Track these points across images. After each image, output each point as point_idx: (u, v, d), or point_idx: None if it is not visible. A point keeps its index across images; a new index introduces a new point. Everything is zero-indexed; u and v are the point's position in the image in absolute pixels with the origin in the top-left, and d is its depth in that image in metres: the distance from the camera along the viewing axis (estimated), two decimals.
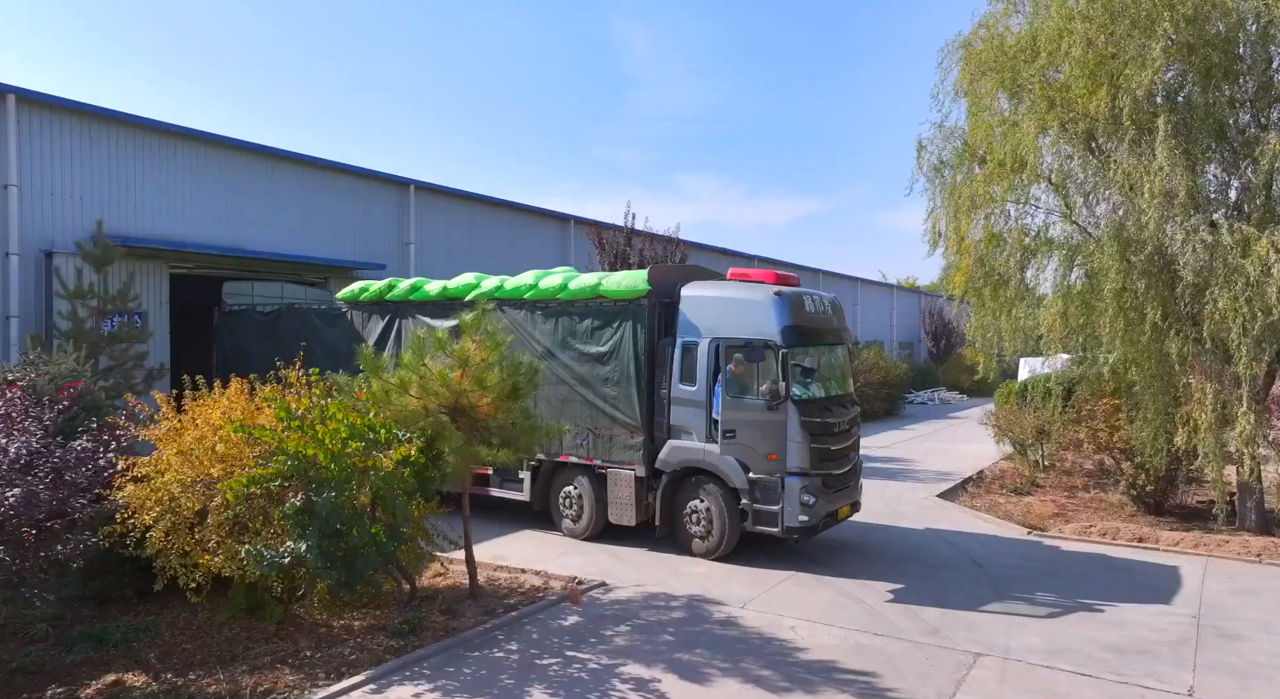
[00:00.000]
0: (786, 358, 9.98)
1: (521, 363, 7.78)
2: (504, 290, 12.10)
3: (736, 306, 10.44)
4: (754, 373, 10.16)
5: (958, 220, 13.65)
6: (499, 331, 8.04)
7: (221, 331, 15.50)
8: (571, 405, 11.47)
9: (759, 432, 10.03)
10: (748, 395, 10.19)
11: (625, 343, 10.99)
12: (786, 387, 9.90)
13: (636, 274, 11.07)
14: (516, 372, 7.65)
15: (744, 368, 10.27)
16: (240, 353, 15.03)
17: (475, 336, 7.76)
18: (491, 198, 22.93)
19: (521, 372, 7.73)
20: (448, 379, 7.40)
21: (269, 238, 17.00)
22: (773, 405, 9.90)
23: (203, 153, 15.86)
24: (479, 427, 8.01)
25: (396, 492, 7.19)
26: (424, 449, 7.60)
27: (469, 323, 7.82)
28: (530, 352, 11.75)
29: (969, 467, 18.31)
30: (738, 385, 10.36)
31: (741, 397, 10.23)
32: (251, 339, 14.90)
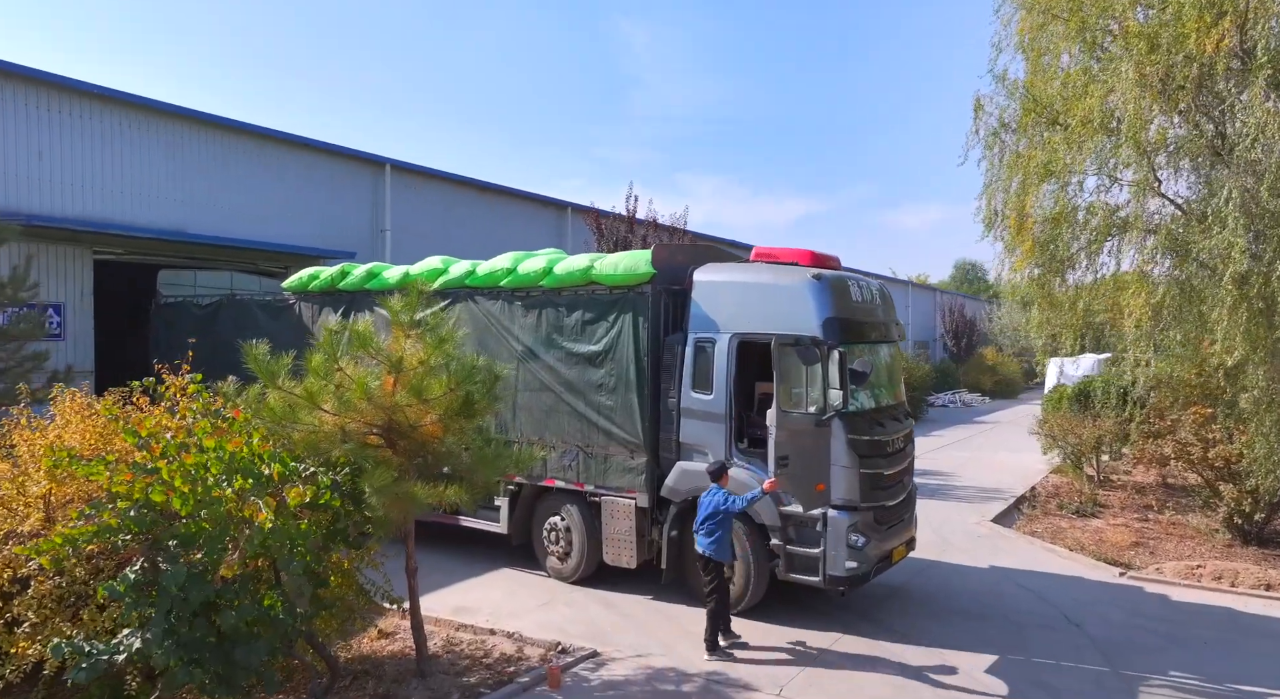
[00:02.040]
0: (829, 358, 7.81)
1: (476, 367, 5.60)
2: (476, 277, 9.94)
3: (764, 294, 8.26)
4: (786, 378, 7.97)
5: (1020, 195, 11.45)
6: (443, 323, 5.87)
7: (157, 327, 13.35)
8: (558, 417, 9.31)
9: None
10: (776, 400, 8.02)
11: (624, 340, 8.83)
12: (845, 396, 7.72)
13: (638, 255, 8.90)
14: (469, 378, 5.48)
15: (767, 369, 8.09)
16: (177, 351, 12.87)
17: (409, 330, 5.60)
18: (478, 181, 20.75)
19: (476, 378, 5.56)
20: (369, 390, 5.24)
21: (220, 221, 14.85)
22: (819, 421, 7.73)
23: (140, 121, 13.71)
24: (423, 453, 5.85)
25: (294, 550, 5.03)
26: (339, 487, 5.45)
27: (398, 310, 5.66)
28: (508, 351, 9.60)
29: (1015, 481, 16.11)
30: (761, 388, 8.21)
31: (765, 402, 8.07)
32: (189, 333, 12.72)
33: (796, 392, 8.00)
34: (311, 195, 16.67)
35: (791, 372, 7.93)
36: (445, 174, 19.67)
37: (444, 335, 5.56)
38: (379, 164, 18.17)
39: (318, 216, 16.77)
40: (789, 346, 7.86)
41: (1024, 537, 11.86)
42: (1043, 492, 15.15)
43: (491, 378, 5.72)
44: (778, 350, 7.88)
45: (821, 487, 7.77)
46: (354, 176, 17.69)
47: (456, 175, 19.96)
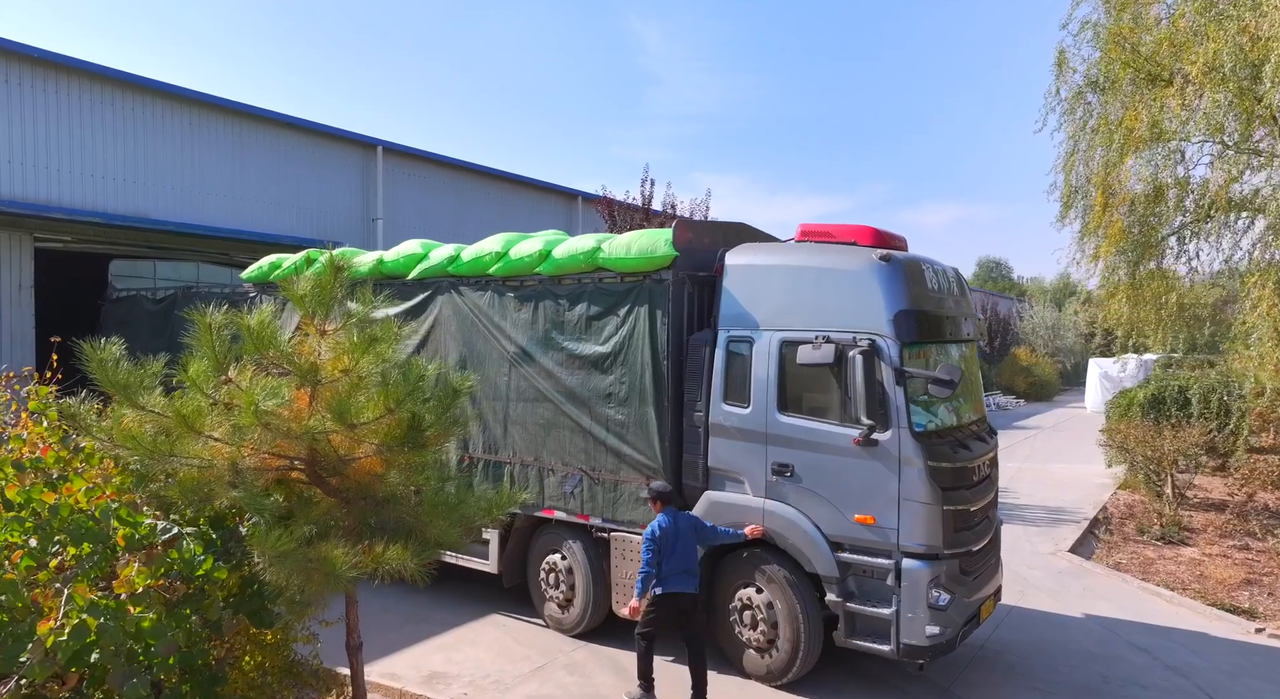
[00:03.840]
0: (904, 363, 6.07)
1: (424, 378, 3.89)
2: (460, 264, 8.26)
3: (818, 281, 6.51)
4: (844, 385, 6.23)
5: (1109, 167, 9.64)
6: (368, 315, 4.17)
7: (109, 324, 11.79)
8: (557, 434, 7.62)
9: (844, 479, 6.16)
10: (828, 418, 6.30)
11: (637, 339, 7.13)
12: (906, 411, 5.99)
13: (655, 234, 7.19)
14: (414, 393, 3.78)
15: (823, 375, 6.37)
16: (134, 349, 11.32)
17: (324, 325, 3.91)
18: (480, 166, 19.09)
19: (425, 394, 3.86)
20: (260, 411, 3.54)
21: (187, 206, 13.28)
22: (868, 438, 6.00)
23: (95, 92, 12.16)
24: (358, 496, 4.16)
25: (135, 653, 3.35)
26: (225, 552, 3.78)
27: (300, 297, 3.97)
28: (499, 353, 7.93)
29: (1079, 498, 14.25)
30: (810, 401, 6.48)
31: (818, 419, 6.34)
32: (143, 333, 11.16)
33: (823, 395, 6.29)
34: (294, 179, 15.08)
35: (826, 375, 6.22)
36: (443, 158, 18.04)
37: (376, 333, 3.86)
38: (370, 146, 16.57)
39: (300, 203, 15.18)
40: (848, 349, 6.12)
41: (1110, 571, 10.03)
42: (1115, 512, 13.29)
43: (449, 394, 4.00)
44: (832, 352, 6.14)
45: (868, 519, 6.06)
46: (342, 159, 16.10)
47: (456, 160, 18.32)
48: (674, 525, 6.16)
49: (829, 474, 6.27)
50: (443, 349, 8.42)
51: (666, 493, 6.37)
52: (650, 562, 6.04)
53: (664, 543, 6.06)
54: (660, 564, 6.05)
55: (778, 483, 6.50)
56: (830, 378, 6.32)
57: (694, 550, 6.24)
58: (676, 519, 6.23)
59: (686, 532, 6.20)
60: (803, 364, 6.32)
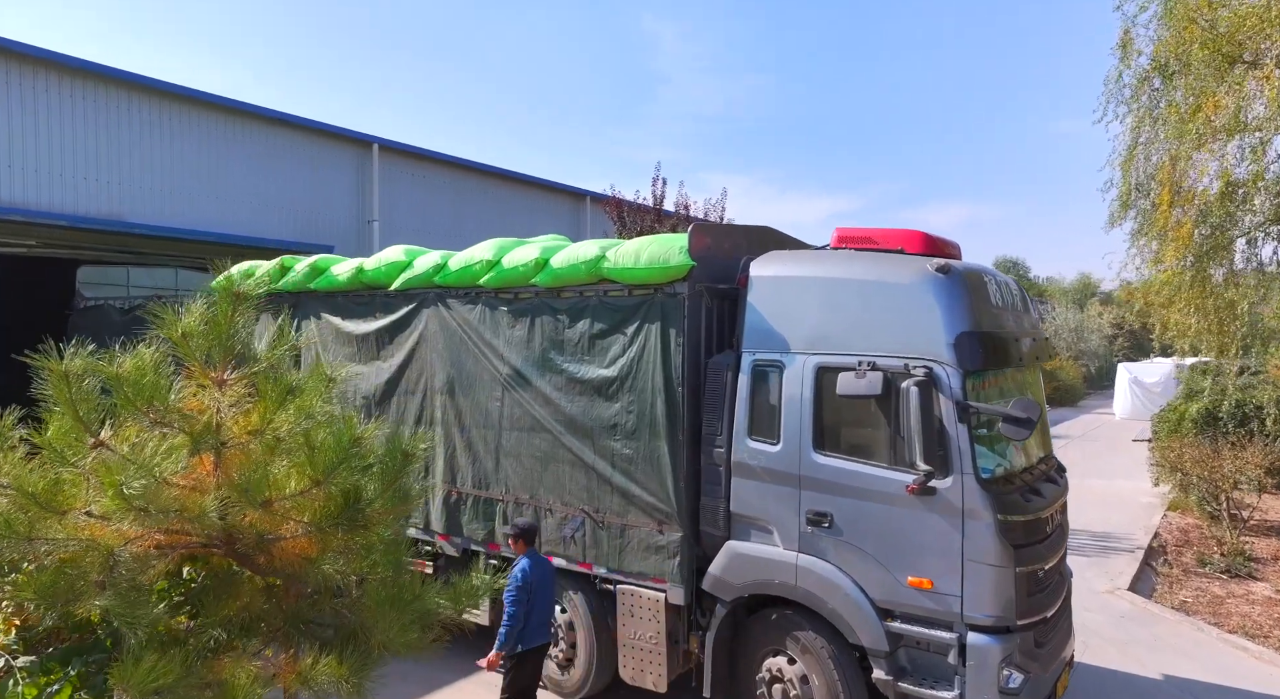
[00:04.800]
0: (966, 396, 5.05)
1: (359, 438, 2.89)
2: (447, 273, 7.30)
3: (861, 297, 5.50)
4: (894, 421, 5.23)
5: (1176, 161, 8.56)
6: (283, 356, 3.18)
7: (76, 335, 10.85)
8: (556, 468, 6.64)
9: (895, 533, 5.16)
10: (875, 459, 5.30)
11: (648, 362, 6.14)
12: (971, 453, 4.98)
13: (668, 239, 6.21)
14: (349, 458, 2.80)
15: (868, 409, 5.37)
16: None
17: (223, 372, 2.92)
18: (483, 165, 18.14)
19: (363, 458, 2.88)
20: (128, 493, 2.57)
21: (165, 208, 12.40)
22: (933, 487, 4.99)
23: (63, 85, 11.28)
24: (289, 582, 3.20)
25: None
26: None
27: (183, 338, 2.97)
28: (490, 374, 6.97)
29: (1127, 521, 13.14)
30: (853, 439, 5.49)
31: (862, 460, 5.34)
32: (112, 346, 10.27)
33: (869, 432, 5.30)
34: (283, 179, 14.18)
35: (870, 408, 5.22)
36: (443, 156, 17.10)
37: (297, 382, 2.88)
38: (365, 143, 15.65)
39: (290, 204, 14.28)
40: (899, 379, 5.11)
41: (1179, 615, 8.96)
42: (1168, 537, 12.20)
43: (398, 459, 3.03)
44: (879, 381, 5.14)
45: (924, 583, 5.05)
46: (335, 158, 15.18)
47: (456, 158, 17.37)
48: (540, 570, 5.63)
49: (876, 527, 5.26)
50: (429, 369, 7.46)
51: (531, 531, 5.82)
52: (517, 614, 5.39)
53: (531, 592, 5.48)
54: (528, 615, 5.46)
55: (813, 534, 5.50)
56: (877, 412, 5.31)
57: (553, 600, 5.85)
58: (540, 563, 5.70)
59: (550, 579, 5.75)
60: (843, 395, 5.31)
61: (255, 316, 8.57)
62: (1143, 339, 54.57)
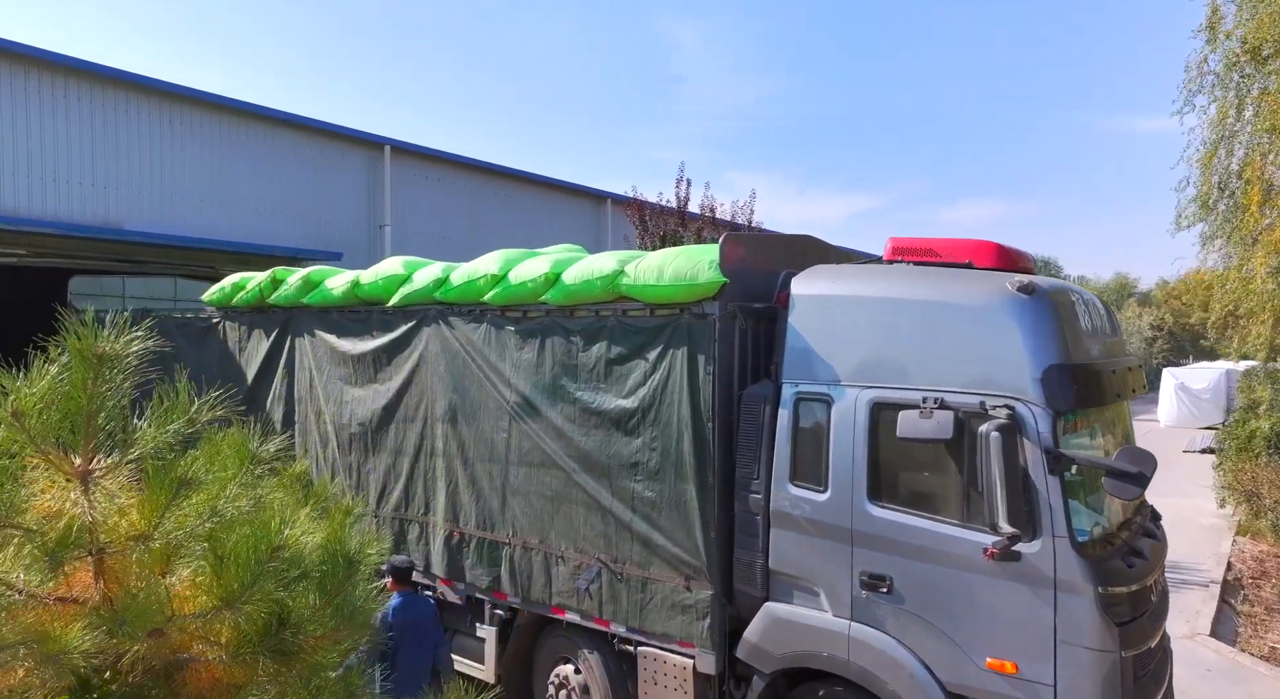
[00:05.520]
0: (1058, 442, 4.20)
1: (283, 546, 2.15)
2: (449, 288, 6.55)
3: (927, 321, 4.66)
4: (968, 471, 4.38)
5: (1269, 157, 7.60)
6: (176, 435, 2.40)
7: None
8: (570, 510, 5.87)
9: (970, 605, 4.31)
10: (945, 514, 4.47)
11: (673, 392, 5.35)
12: (1064, 511, 4.13)
13: (696, 252, 5.42)
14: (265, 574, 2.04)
15: (935, 455, 4.53)
16: None
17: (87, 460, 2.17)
18: (500, 167, 17.46)
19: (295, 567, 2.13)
20: None
21: (166, 213, 11.84)
22: (1017, 552, 4.14)
23: (56, 85, 10.73)
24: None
25: None
26: None
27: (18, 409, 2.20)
28: (495, 402, 6.23)
29: (1193, 549, 12.08)
30: (917, 488, 4.66)
31: (929, 514, 4.51)
32: None
33: (937, 481, 4.46)
34: (290, 183, 13.58)
35: (935, 453, 4.39)
36: (458, 158, 16.44)
37: (191, 471, 2.11)
38: (377, 145, 15.02)
39: (297, 209, 13.67)
40: (974, 420, 4.27)
41: (1274, 668, 7.98)
42: (1243, 568, 11.18)
43: (340, 568, 2.27)
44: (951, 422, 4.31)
45: (1007, 667, 4.19)
46: (346, 160, 14.57)
47: (471, 159, 16.70)
48: (414, 611, 5.24)
49: (946, 596, 4.42)
50: (429, 395, 6.73)
51: (404, 569, 5.46)
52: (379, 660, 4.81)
53: (400, 635, 4.99)
54: (394, 662, 4.93)
55: (869, 600, 4.67)
56: (946, 458, 4.47)
57: (430, 649, 5.29)
58: (415, 604, 5.34)
59: (430, 623, 5.28)
60: (905, 438, 4.47)
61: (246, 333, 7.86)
62: (1183, 341, 52.67)
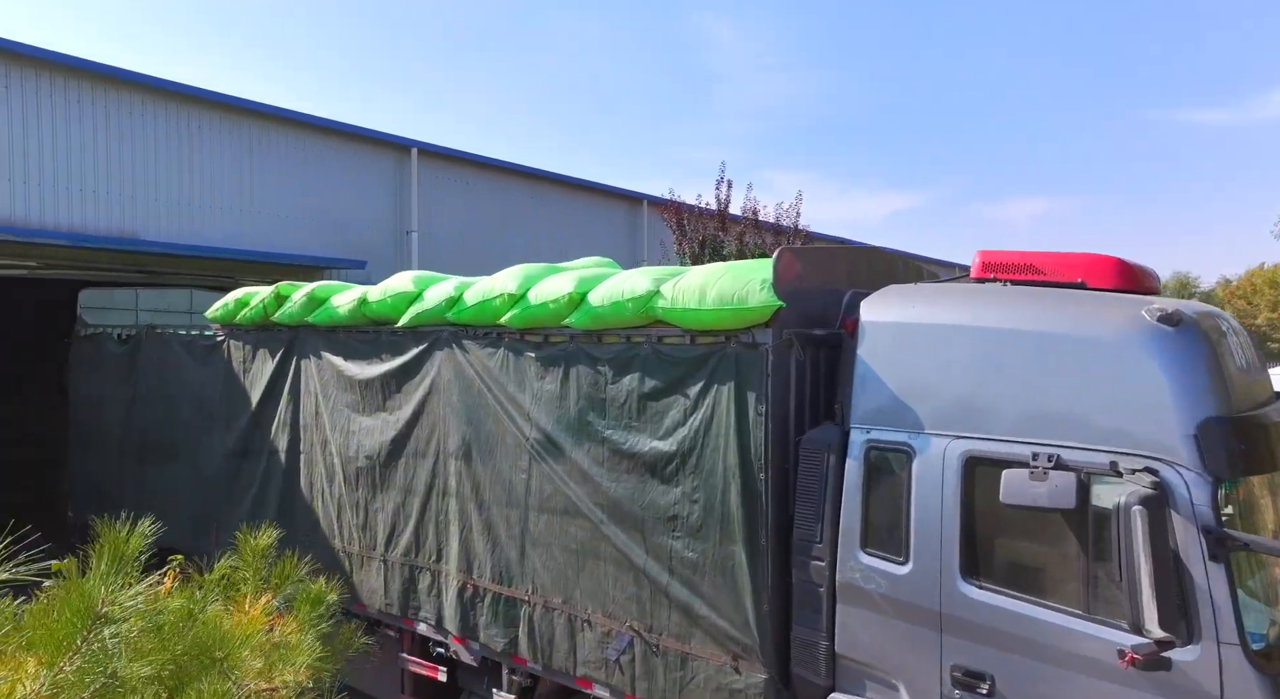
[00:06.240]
0: (1221, 519, 3.27)
1: None
2: (463, 308, 5.80)
3: (1039, 356, 3.75)
4: (1099, 550, 3.47)
5: None
6: None
7: (76, 368, 9.88)
8: (597, 568, 5.08)
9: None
10: (1064, 600, 3.56)
11: (718, 435, 4.53)
12: (1233, 609, 3.19)
13: (743, 271, 4.58)
14: None
15: (1051, 525, 3.62)
16: (99, 403, 9.41)
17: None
18: (531, 169, 16.78)
19: None
20: None
21: (184, 222, 11.37)
22: (1167, 659, 3.21)
23: (69, 89, 10.30)
24: None
25: None
26: None
27: None
28: (514, 438, 5.49)
29: None
30: (1027, 565, 3.76)
31: (1043, 599, 3.60)
32: (110, 381, 9.22)
33: (1053, 559, 3.55)
34: (313, 189, 13.04)
35: (1053, 520, 3.48)
36: (487, 160, 15.79)
37: None
38: (403, 148, 14.43)
39: (321, 216, 13.13)
40: (1106, 485, 3.37)
41: None
42: None
43: None
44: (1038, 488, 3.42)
45: None
46: (371, 164, 14.00)
47: (502, 162, 16.05)
48: None
49: None
50: (441, 427, 5.99)
51: None
52: None
53: None
54: None
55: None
56: (1066, 531, 3.57)
57: None
58: None
59: None
60: (1012, 504, 3.57)
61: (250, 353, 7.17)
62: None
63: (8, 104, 9.79)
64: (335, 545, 6.66)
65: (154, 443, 8.43)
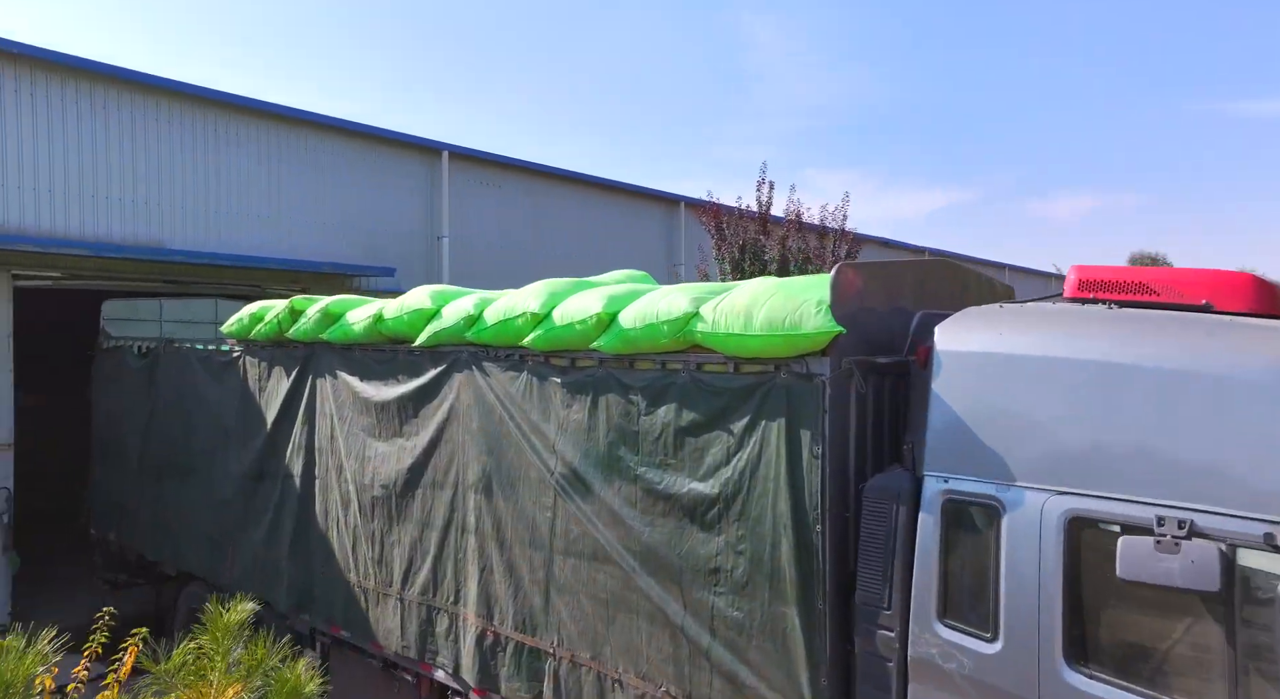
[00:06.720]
0: None
1: None
2: (483, 327, 5.29)
3: (1161, 395, 3.08)
4: (1235, 631, 2.80)
5: None
6: None
7: (99, 380, 9.65)
8: (629, 622, 4.52)
9: None
10: (1197, 697, 2.89)
11: (766, 478, 3.94)
12: None
13: (797, 290, 3.98)
14: None
15: (1185, 607, 2.96)
16: (119, 418, 9.16)
17: None
18: (565, 171, 16.28)
19: None
20: None
21: (210, 230, 11.11)
22: None
23: (93, 96, 10.08)
24: None
25: None
26: None
27: None
28: (538, 471, 4.96)
29: None
30: (1151, 653, 3.09)
31: (1166, 693, 2.94)
32: (130, 394, 8.95)
33: (1185, 646, 2.88)
34: (342, 194, 12.71)
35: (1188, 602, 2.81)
36: (521, 163, 15.34)
37: None
38: (434, 151, 14.04)
39: (350, 222, 12.80)
40: (1255, 554, 2.70)
41: None
42: None
43: None
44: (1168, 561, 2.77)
45: None
46: (400, 168, 13.64)
47: (535, 164, 15.58)
48: None
49: None
50: (460, 456, 5.49)
51: None
52: None
53: None
54: None
55: None
56: (1205, 615, 2.91)
57: None
58: None
59: None
60: (1130, 579, 2.92)
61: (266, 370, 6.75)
62: None
63: (32, 111, 9.59)
64: (351, 579, 6.22)
65: (171, 461, 8.12)
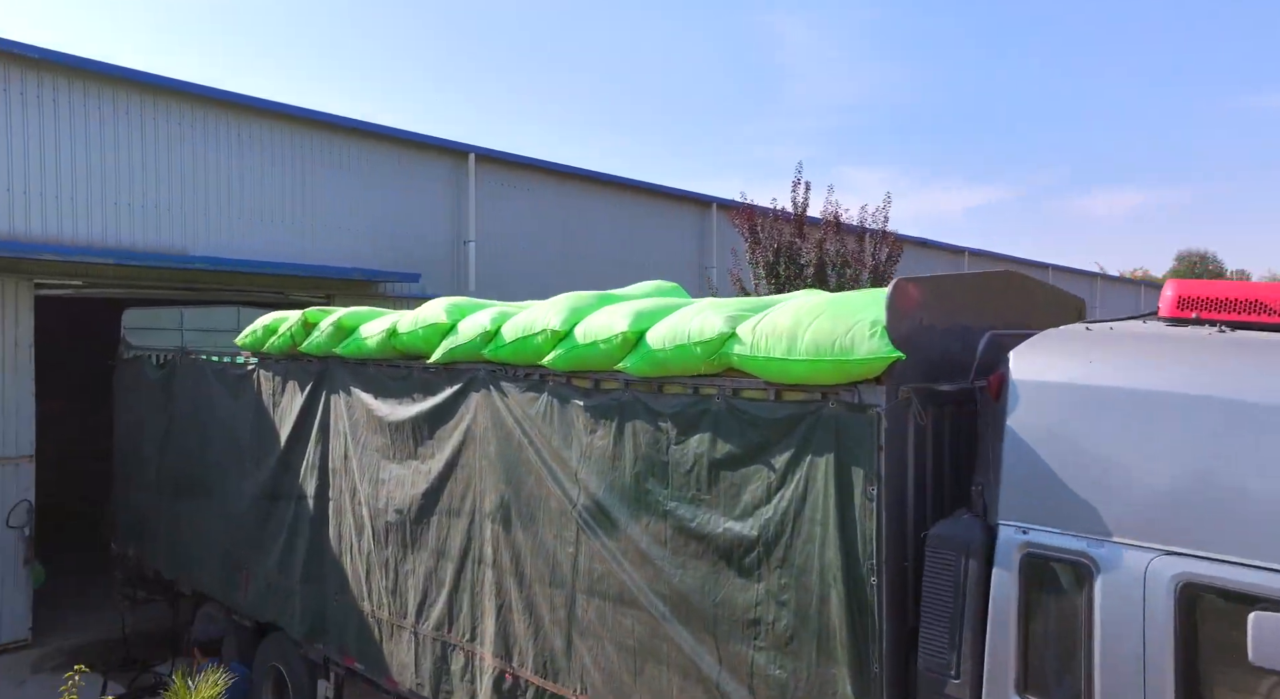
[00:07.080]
0: None
1: None
2: (500, 345, 4.90)
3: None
4: None
5: None
6: None
7: (120, 390, 9.48)
8: (657, 672, 4.09)
9: None
10: None
11: (813, 520, 3.48)
12: None
13: (846, 308, 3.51)
14: None
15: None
16: (139, 431, 8.97)
17: None
18: (594, 173, 15.89)
19: None
20: None
21: (234, 236, 10.92)
22: None
23: (114, 100, 9.93)
24: None
25: None
26: None
27: None
28: (558, 501, 4.56)
29: None
30: None
31: None
32: (148, 407, 8.76)
33: None
34: (366, 199, 12.47)
35: None
36: (547, 164, 14.99)
37: None
38: (460, 153, 13.75)
39: (373, 225, 12.55)
40: None
41: None
42: None
43: None
44: None
45: None
46: (426, 171, 13.36)
47: (563, 166, 15.23)
48: None
49: None
50: (477, 482, 5.11)
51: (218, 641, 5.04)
52: None
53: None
54: None
55: None
56: None
57: None
58: None
59: None
60: (1266, 666, 2.42)
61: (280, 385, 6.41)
62: None
63: (54, 117, 9.45)
64: (364, 608, 5.88)
65: (186, 476, 7.89)
